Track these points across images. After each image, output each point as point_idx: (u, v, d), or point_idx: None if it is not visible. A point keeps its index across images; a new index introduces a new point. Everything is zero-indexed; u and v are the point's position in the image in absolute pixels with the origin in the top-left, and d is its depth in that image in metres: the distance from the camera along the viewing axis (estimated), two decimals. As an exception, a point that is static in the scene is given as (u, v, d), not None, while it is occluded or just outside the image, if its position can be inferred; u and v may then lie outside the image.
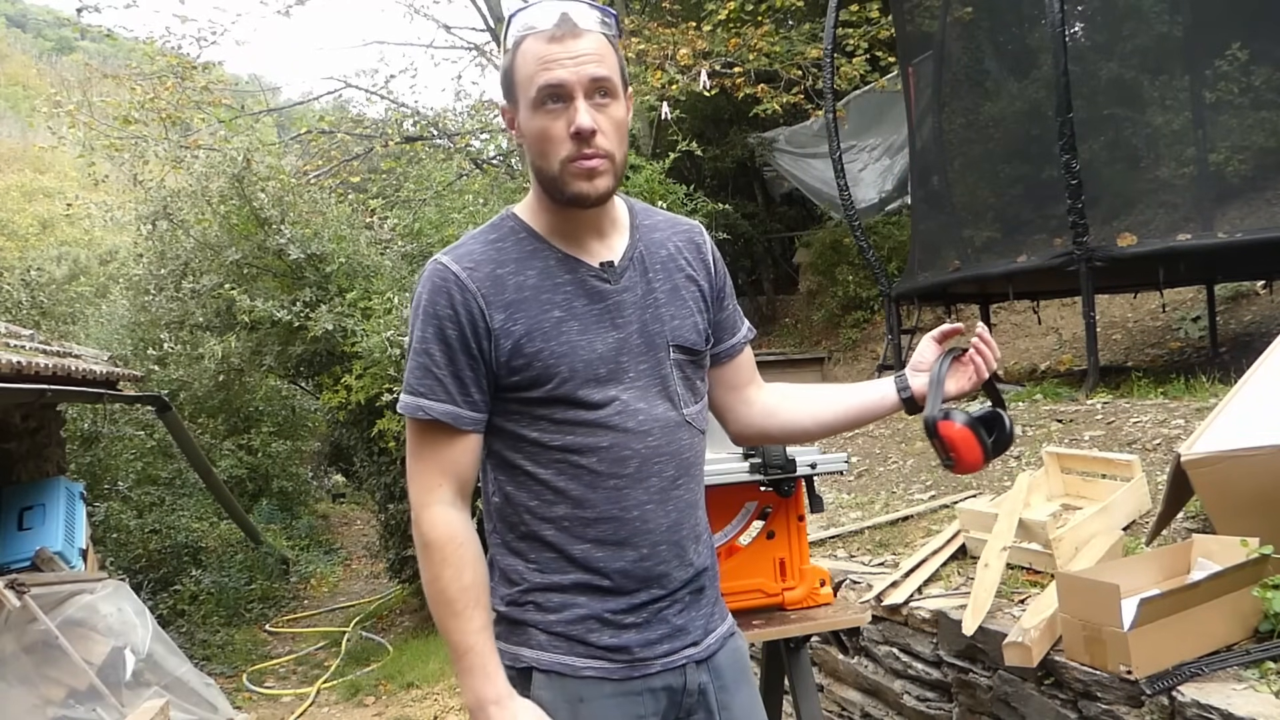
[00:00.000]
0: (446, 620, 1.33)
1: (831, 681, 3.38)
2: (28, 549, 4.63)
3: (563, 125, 1.31)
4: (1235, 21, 5.21)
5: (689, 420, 1.45)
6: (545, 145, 1.33)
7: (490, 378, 1.36)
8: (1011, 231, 5.96)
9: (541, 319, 1.35)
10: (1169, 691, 2.03)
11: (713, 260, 1.53)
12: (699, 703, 1.43)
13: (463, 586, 1.33)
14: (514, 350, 1.34)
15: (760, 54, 9.55)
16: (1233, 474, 2.45)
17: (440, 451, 1.37)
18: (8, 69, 38.65)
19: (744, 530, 2.16)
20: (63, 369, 4.75)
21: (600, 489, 1.36)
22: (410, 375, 1.37)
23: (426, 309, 1.36)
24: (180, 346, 7.77)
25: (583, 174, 1.32)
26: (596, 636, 1.37)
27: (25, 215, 19.74)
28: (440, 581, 1.33)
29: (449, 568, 1.33)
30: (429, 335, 1.35)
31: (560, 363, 1.34)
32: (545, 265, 1.38)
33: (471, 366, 1.35)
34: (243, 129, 9.89)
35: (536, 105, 1.32)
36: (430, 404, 1.35)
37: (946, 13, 6.70)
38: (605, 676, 1.37)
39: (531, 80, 1.31)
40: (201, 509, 8.26)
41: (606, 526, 1.37)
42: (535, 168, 1.37)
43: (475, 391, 1.36)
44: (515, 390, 1.36)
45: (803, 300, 11.40)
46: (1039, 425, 4.32)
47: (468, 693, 1.33)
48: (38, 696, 3.82)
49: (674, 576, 1.41)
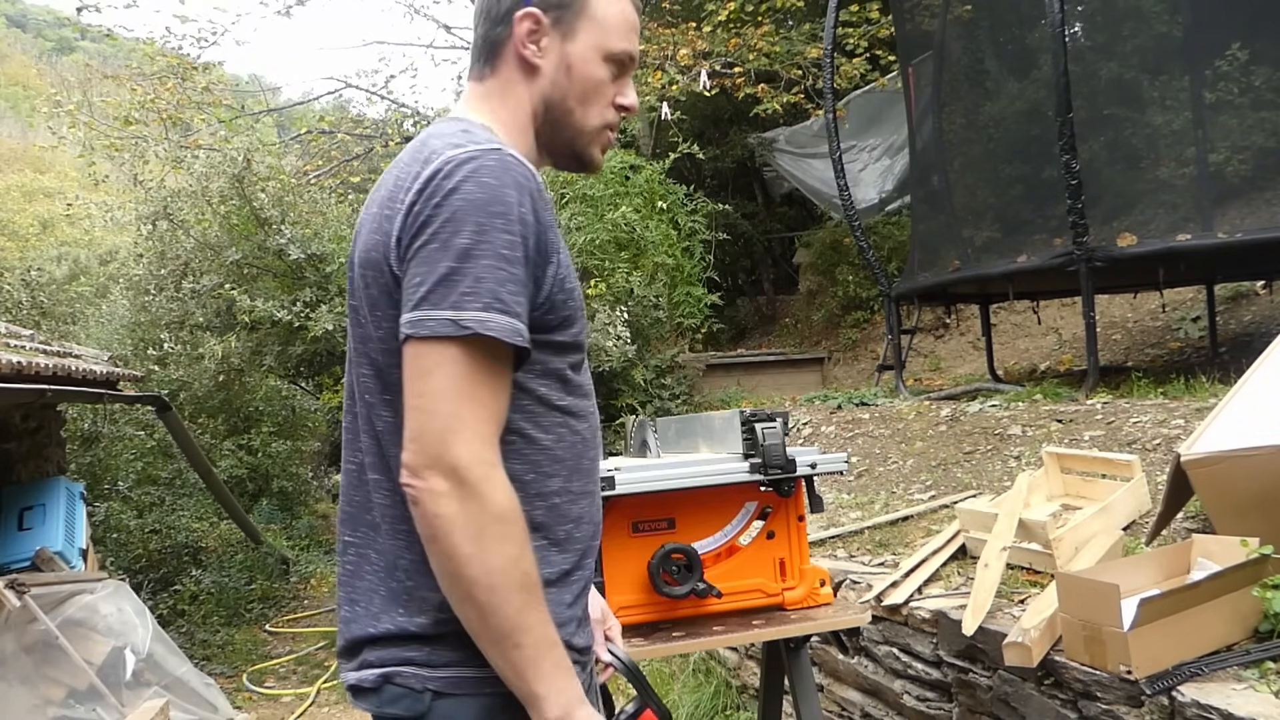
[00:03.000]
0: (529, 612, 1.05)
1: (831, 681, 3.38)
2: (28, 549, 4.63)
3: (613, 91, 1.25)
4: (1235, 21, 5.21)
5: None
6: (594, 99, 1.24)
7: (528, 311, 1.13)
8: (1011, 231, 5.96)
9: (566, 251, 1.18)
10: (1169, 691, 2.03)
11: None
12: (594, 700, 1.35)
13: (538, 568, 1.10)
14: (560, 281, 1.14)
15: (760, 54, 9.56)
16: (1233, 474, 2.45)
17: (504, 396, 1.09)
18: (8, 69, 38.67)
19: (744, 530, 2.15)
20: (63, 369, 4.75)
21: (586, 459, 1.22)
22: (497, 286, 1.05)
23: (517, 209, 1.08)
24: (180, 346, 7.77)
25: (606, 145, 1.26)
26: (575, 638, 1.20)
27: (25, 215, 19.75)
28: (524, 563, 1.06)
29: (529, 545, 1.08)
30: (517, 241, 1.07)
31: (581, 306, 1.20)
32: None
33: (527, 294, 1.11)
34: (243, 129, 9.89)
35: (610, 59, 1.24)
36: (524, 329, 1.07)
37: (946, 12, 6.70)
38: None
39: (617, 31, 1.24)
40: (201, 509, 8.26)
41: (587, 501, 1.23)
42: (561, 107, 1.23)
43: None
44: (544, 330, 1.14)
45: (803, 300, 11.40)
46: (1039, 425, 4.31)
47: (556, 697, 1.06)
48: (38, 696, 3.83)
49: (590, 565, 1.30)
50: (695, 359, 8.99)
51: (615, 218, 7.73)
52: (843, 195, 7.18)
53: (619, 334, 7.09)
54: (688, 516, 2.10)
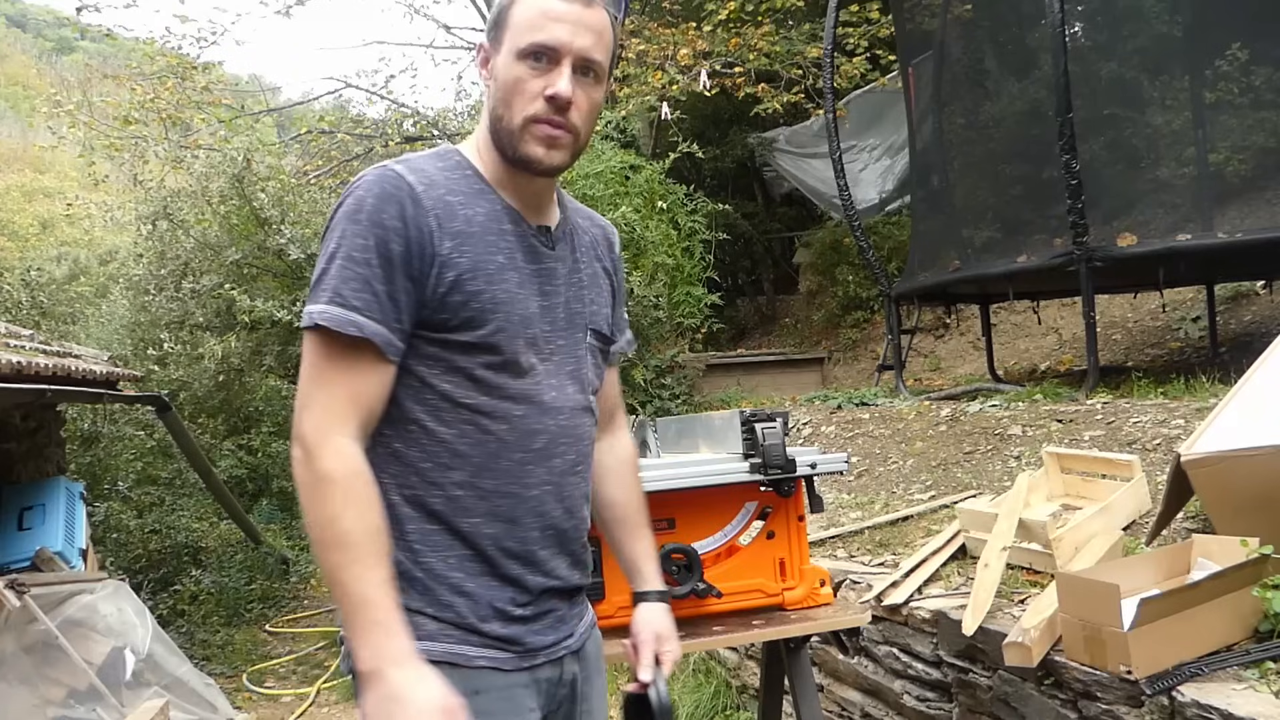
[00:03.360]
0: (345, 568, 1.14)
1: (831, 681, 3.38)
2: (28, 549, 4.62)
3: (540, 84, 1.26)
4: (1235, 21, 5.21)
5: (591, 407, 1.41)
6: (514, 96, 1.27)
7: (417, 309, 1.24)
8: (1011, 231, 5.96)
9: (487, 259, 1.27)
10: (1169, 691, 2.03)
11: (619, 262, 1.55)
12: (569, 694, 1.40)
13: (368, 529, 1.16)
14: (455, 284, 1.23)
15: (760, 54, 9.56)
16: (1233, 474, 2.45)
17: (359, 378, 1.21)
18: (8, 69, 38.66)
19: (744, 530, 2.16)
20: (63, 369, 4.75)
21: (505, 460, 1.28)
22: (339, 283, 1.20)
23: (371, 215, 1.21)
24: (180, 346, 7.76)
25: (543, 139, 1.28)
26: (489, 625, 1.27)
27: (25, 215, 19.76)
28: (341, 522, 1.15)
29: (353, 506, 1.16)
30: (370, 244, 1.21)
31: (499, 309, 1.26)
32: (491, 209, 1.31)
33: (407, 291, 1.22)
34: (243, 129, 9.90)
35: (523, 55, 1.26)
36: (365, 321, 1.19)
37: (946, 12, 6.70)
38: (498, 667, 1.28)
39: (528, 28, 1.26)
40: (201, 509, 8.25)
41: (504, 502, 1.28)
42: (495, 115, 1.30)
43: (406, 320, 1.23)
44: (440, 330, 1.25)
45: (803, 300, 11.40)
46: (1039, 425, 4.32)
47: (364, 652, 1.13)
48: (38, 696, 3.82)
49: (557, 567, 1.35)
50: (695, 359, 8.99)
51: (615, 218, 7.72)
52: (843, 195, 7.17)
53: (619, 334, 7.07)
54: (688, 516, 2.10)
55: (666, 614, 1.55)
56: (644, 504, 1.60)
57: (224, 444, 8.72)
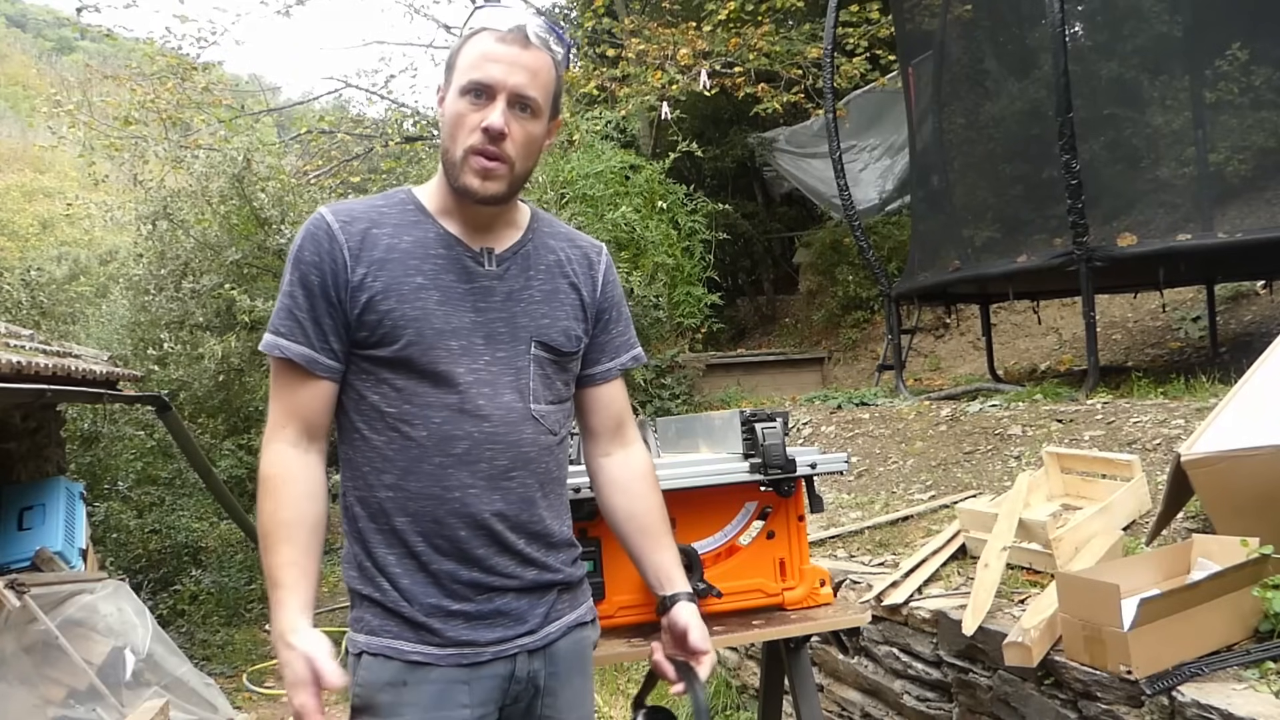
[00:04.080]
0: (263, 554, 1.36)
1: (831, 681, 3.38)
2: (28, 549, 4.62)
3: (478, 118, 1.38)
4: (1235, 21, 5.21)
5: (536, 416, 1.46)
6: (457, 130, 1.40)
7: (345, 330, 1.40)
8: (1011, 231, 5.96)
9: (402, 281, 1.40)
10: (1169, 691, 2.03)
11: (604, 280, 1.59)
12: (526, 689, 1.44)
13: (278, 520, 1.35)
14: (367, 305, 1.38)
15: (760, 54, 9.56)
16: (1233, 474, 2.45)
17: (292, 392, 1.40)
18: (8, 69, 38.65)
19: (744, 530, 2.15)
20: (63, 369, 4.75)
21: (426, 464, 1.39)
22: (274, 316, 1.42)
23: (296, 254, 1.41)
24: (180, 346, 7.76)
25: (479, 171, 1.40)
26: (427, 620, 1.38)
27: (25, 215, 19.75)
28: (262, 514, 1.36)
29: (270, 500, 1.36)
30: (295, 279, 1.40)
31: (409, 325, 1.38)
32: (423, 236, 1.44)
33: (330, 314, 1.39)
34: (243, 129, 9.89)
35: (463, 93, 1.39)
36: (287, 344, 1.39)
37: (946, 12, 6.69)
38: (432, 662, 1.37)
39: (469, 68, 1.39)
40: (201, 509, 8.26)
41: (426, 503, 1.38)
42: (443, 149, 1.44)
43: (334, 340, 1.40)
44: (364, 347, 1.40)
45: (803, 300, 11.40)
46: (1039, 425, 4.32)
47: (274, 624, 1.33)
48: (38, 696, 3.82)
49: (500, 565, 1.41)
50: (695, 359, 8.99)
51: (615, 218, 7.73)
52: (843, 195, 7.17)
53: (619, 334, 7.06)
54: (688, 516, 2.10)
55: (695, 616, 1.56)
56: (664, 513, 1.63)
57: (224, 444, 8.72)
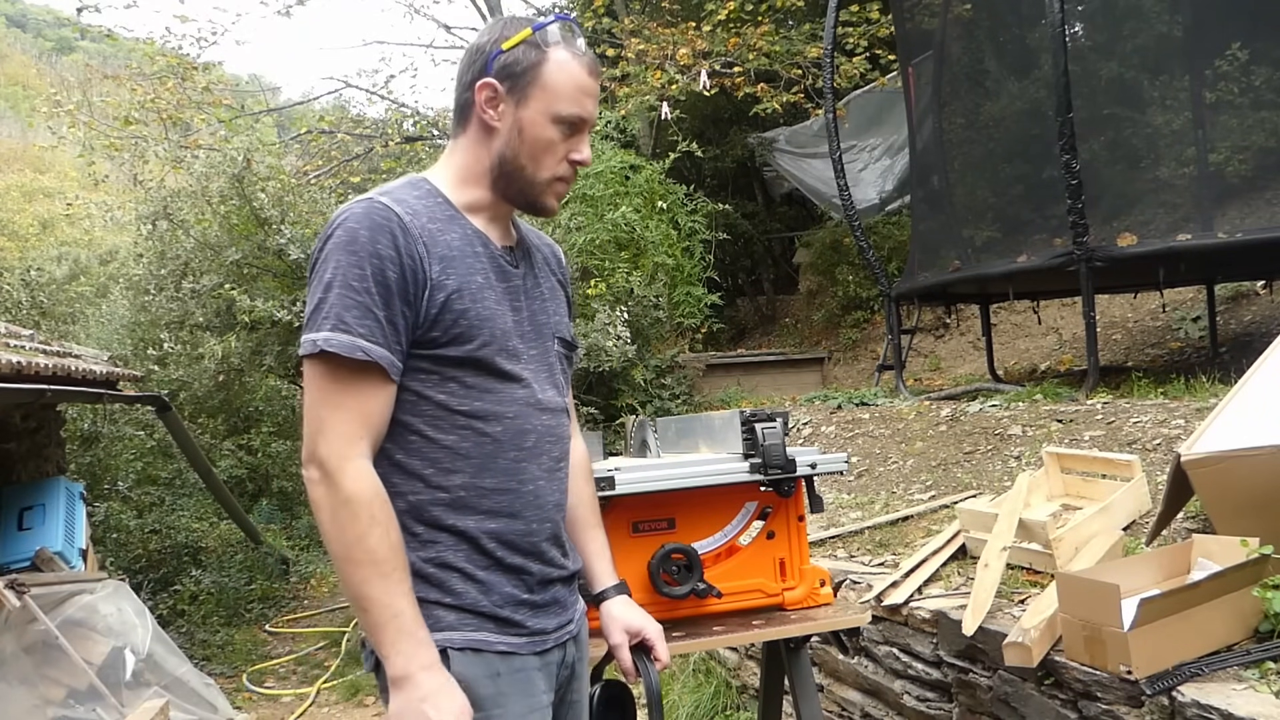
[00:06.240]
0: (372, 583, 1.25)
1: (831, 681, 3.38)
2: (28, 549, 4.62)
3: (565, 149, 1.42)
4: (1235, 21, 5.21)
5: (567, 409, 1.54)
6: (544, 156, 1.41)
7: (412, 330, 1.33)
8: (1011, 231, 5.96)
9: (470, 279, 1.38)
10: (1169, 691, 2.03)
11: (567, 275, 1.67)
12: (570, 675, 1.50)
13: (392, 545, 1.28)
14: (445, 304, 1.34)
15: (760, 54, 9.56)
16: (1233, 474, 2.45)
17: (368, 400, 1.30)
18: (8, 69, 38.63)
19: (744, 530, 2.15)
20: (63, 369, 4.75)
21: (501, 458, 1.39)
22: (341, 310, 1.28)
23: (366, 245, 1.30)
24: (180, 346, 7.75)
25: (559, 195, 1.46)
26: (504, 611, 1.38)
27: (25, 215, 19.73)
28: (369, 540, 1.26)
29: (379, 526, 1.27)
30: (367, 273, 1.29)
31: (484, 325, 1.37)
32: (464, 233, 1.41)
33: (404, 314, 1.32)
34: (243, 129, 9.89)
35: (558, 121, 1.40)
36: (371, 345, 1.28)
37: (946, 12, 6.69)
38: (514, 651, 1.38)
39: (565, 98, 1.40)
40: (201, 509, 8.25)
41: (504, 498, 1.38)
42: (512, 162, 1.42)
43: (405, 341, 1.33)
44: (432, 346, 1.34)
45: (803, 300, 11.40)
46: (1039, 425, 4.31)
47: (396, 659, 1.25)
48: (38, 696, 3.82)
49: (554, 555, 1.46)
50: (695, 359, 8.98)
51: (615, 218, 7.73)
52: (843, 195, 7.17)
53: (619, 334, 7.08)
54: (688, 516, 2.10)
55: (631, 605, 1.63)
56: (596, 504, 1.69)
57: (224, 444, 8.71)
